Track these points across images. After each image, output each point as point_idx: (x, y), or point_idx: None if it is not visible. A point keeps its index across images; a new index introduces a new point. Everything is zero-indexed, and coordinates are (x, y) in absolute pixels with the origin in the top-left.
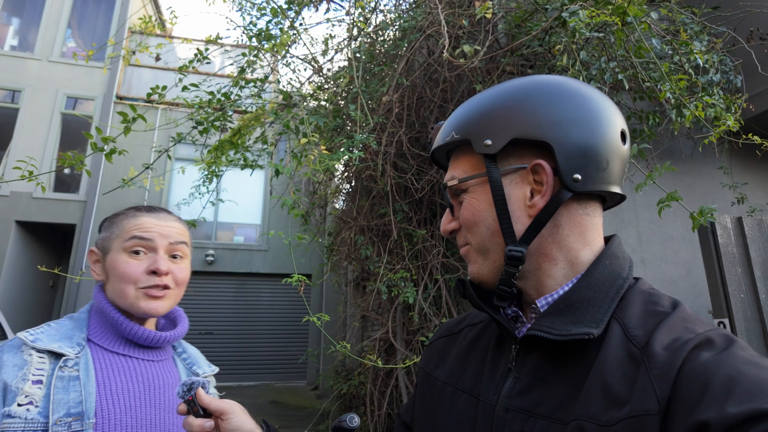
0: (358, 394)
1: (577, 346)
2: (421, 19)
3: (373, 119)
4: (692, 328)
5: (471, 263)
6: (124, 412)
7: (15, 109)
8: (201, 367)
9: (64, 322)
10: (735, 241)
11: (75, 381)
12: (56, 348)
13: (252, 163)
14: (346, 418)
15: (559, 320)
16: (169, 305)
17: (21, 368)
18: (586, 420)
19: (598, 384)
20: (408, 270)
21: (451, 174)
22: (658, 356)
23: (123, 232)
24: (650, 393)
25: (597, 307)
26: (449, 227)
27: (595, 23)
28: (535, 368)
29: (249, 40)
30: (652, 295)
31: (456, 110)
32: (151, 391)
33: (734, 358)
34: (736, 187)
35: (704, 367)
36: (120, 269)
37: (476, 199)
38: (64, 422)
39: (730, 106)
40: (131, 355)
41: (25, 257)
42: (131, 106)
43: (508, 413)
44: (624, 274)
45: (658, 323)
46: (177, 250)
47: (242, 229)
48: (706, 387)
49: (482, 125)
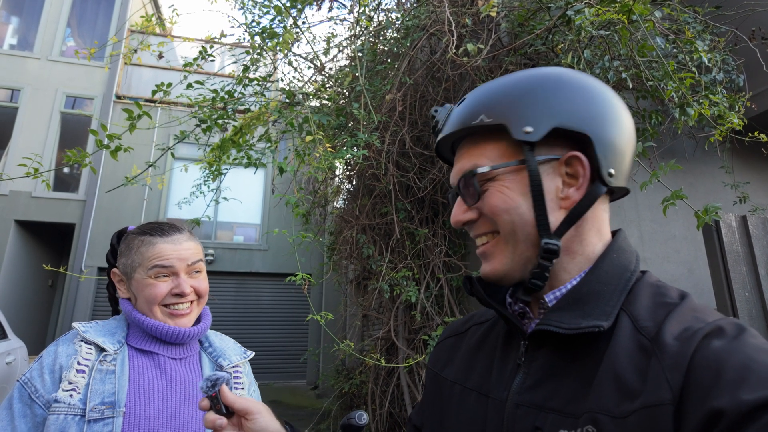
0: (360, 393)
1: (586, 339)
2: (425, 17)
3: (377, 118)
4: (702, 317)
5: (494, 256)
6: (149, 404)
7: (14, 108)
8: (227, 358)
9: (110, 322)
10: (739, 240)
11: (111, 374)
12: (100, 342)
13: (256, 161)
14: (354, 416)
15: (568, 314)
16: (194, 316)
17: (71, 356)
18: (599, 413)
19: (609, 376)
20: (410, 269)
21: (472, 162)
22: (669, 346)
23: (144, 260)
24: (663, 383)
25: (606, 300)
26: (465, 217)
27: (601, 21)
28: (545, 363)
29: (251, 38)
30: (659, 287)
31: (479, 92)
32: (173, 387)
33: (746, 346)
34: (738, 186)
35: (716, 355)
36: (146, 293)
37: (508, 187)
38: (98, 409)
39: (734, 104)
40: (159, 352)
41: (24, 256)
42: (137, 103)
43: (519, 409)
44: (631, 267)
45: (667, 314)
46: (195, 268)
47: (242, 229)
48: (719, 375)
49: (520, 110)
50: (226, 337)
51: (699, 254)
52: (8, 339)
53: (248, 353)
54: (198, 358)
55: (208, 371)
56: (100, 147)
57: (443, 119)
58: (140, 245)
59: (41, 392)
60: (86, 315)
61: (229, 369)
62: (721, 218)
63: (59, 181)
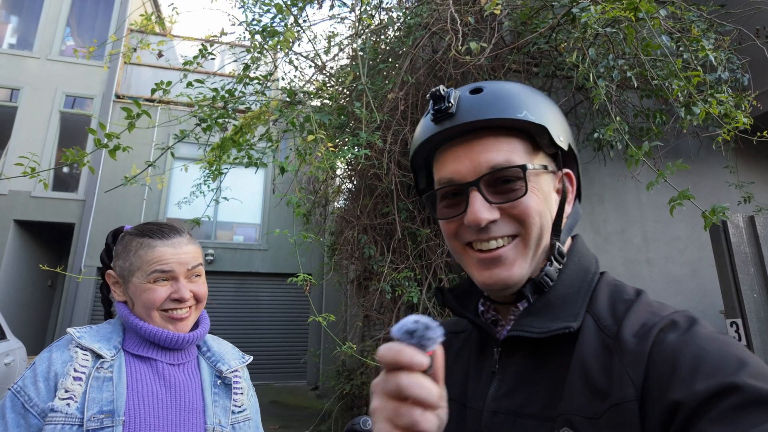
0: (361, 394)
1: (556, 343)
2: (427, 15)
3: (379, 117)
4: (657, 312)
5: (512, 261)
6: (148, 412)
7: (14, 107)
8: (226, 363)
9: (104, 326)
10: (747, 240)
11: (108, 382)
12: (96, 348)
13: (257, 161)
14: (359, 421)
15: (539, 319)
16: (193, 320)
17: (67, 363)
18: (573, 414)
19: (579, 377)
20: (412, 269)
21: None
22: (628, 344)
23: (143, 264)
24: (626, 380)
25: (573, 302)
26: (490, 216)
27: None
28: (519, 369)
29: (252, 36)
30: (617, 285)
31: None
32: (173, 393)
33: (698, 337)
34: (742, 186)
35: (671, 349)
36: (145, 297)
37: (540, 189)
38: (96, 418)
39: (740, 103)
40: (157, 358)
41: (23, 256)
42: (136, 102)
43: (496, 416)
44: (592, 269)
45: (626, 311)
46: (195, 272)
47: (242, 229)
48: (675, 368)
49: (554, 120)
50: (224, 342)
51: (703, 255)
52: (7, 340)
53: (246, 358)
54: (196, 363)
55: (208, 376)
56: (98, 146)
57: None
58: (139, 248)
59: (36, 401)
60: (85, 315)
61: (229, 374)
62: (729, 219)
63: (59, 181)
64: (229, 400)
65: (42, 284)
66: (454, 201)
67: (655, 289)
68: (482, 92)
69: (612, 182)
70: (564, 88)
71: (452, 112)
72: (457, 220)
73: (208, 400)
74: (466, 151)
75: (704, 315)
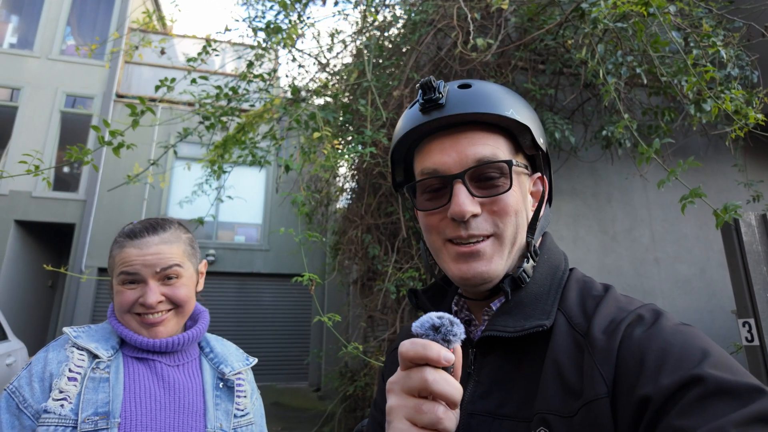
0: (364, 395)
1: (530, 341)
2: (432, 12)
3: (384, 114)
4: (624, 307)
5: (489, 257)
6: (145, 414)
7: (14, 107)
8: (229, 364)
9: (104, 326)
10: (759, 239)
11: (105, 382)
12: (93, 348)
13: (260, 159)
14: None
15: (512, 318)
16: (173, 325)
17: (62, 363)
18: (548, 413)
19: (553, 376)
20: (417, 269)
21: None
22: (598, 341)
23: (115, 265)
24: (597, 377)
25: (544, 300)
26: (474, 209)
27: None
28: (494, 370)
29: (255, 33)
30: (586, 282)
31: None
32: (172, 396)
33: (663, 330)
34: (751, 184)
35: (638, 344)
36: (117, 300)
37: (518, 188)
38: (91, 420)
39: (751, 100)
40: (155, 360)
41: (24, 257)
42: (140, 98)
43: (473, 418)
44: (562, 266)
45: (595, 307)
46: (168, 274)
47: (243, 229)
48: (642, 363)
49: (534, 122)
50: (228, 343)
51: (711, 254)
52: (8, 340)
53: (251, 360)
54: (198, 364)
55: (210, 378)
56: (102, 144)
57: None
58: (113, 247)
59: (30, 402)
60: (86, 315)
61: (231, 376)
62: (741, 217)
63: (59, 181)
64: (232, 403)
65: (42, 284)
66: (437, 194)
67: (663, 289)
68: (470, 88)
69: (619, 181)
70: (571, 85)
71: (442, 103)
72: (440, 212)
73: (209, 402)
74: (453, 143)
75: (713, 315)
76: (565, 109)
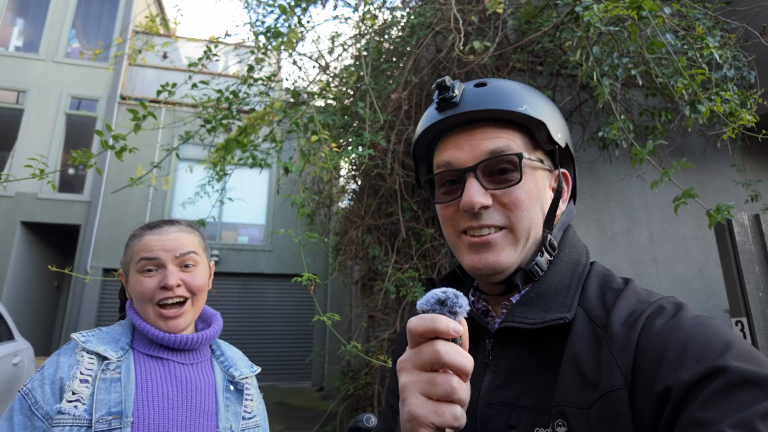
0: (366, 394)
1: (549, 334)
2: (430, 15)
3: (382, 117)
4: (644, 299)
5: (500, 248)
6: (158, 413)
7: (20, 109)
8: (238, 369)
9: (114, 328)
10: (752, 239)
11: (116, 383)
12: (102, 351)
13: (261, 161)
14: (362, 418)
15: (532, 310)
16: (189, 318)
17: (73, 367)
18: (566, 405)
19: (572, 369)
20: (416, 269)
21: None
22: (617, 333)
23: (134, 254)
24: (615, 369)
25: (564, 293)
26: (485, 201)
27: (610, 17)
28: (512, 361)
29: (256, 37)
30: (606, 275)
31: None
32: (185, 394)
33: (684, 321)
34: (749, 184)
35: (658, 336)
36: (136, 289)
37: (533, 182)
38: (105, 420)
39: (746, 101)
40: (168, 358)
41: (30, 258)
42: (141, 103)
43: (491, 408)
44: (583, 260)
45: (615, 300)
46: (187, 260)
47: (246, 230)
48: (663, 355)
49: (552, 117)
50: (235, 349)
51: (710, 254)
52: (15, 340)
53: (255, 368)
54: (210, 364)
55: (221, 380)
56: (105, 148)
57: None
58: (131, 241)
59: (41, 404)
60: (92, 316)
61: (241, 380)
62: (734, 217)
63: (64, 183)
64: (240, 405)
65: (48, 285)
66: (452, 188)
67: (662, 288)
68: (486, 86)
69: (617, 181)
70: (569, 86)
71: (456, 101)
72: (454, 204)
73: (221, 403)
74: (467, 138)
75: (711, 314)
76: (563, 110)
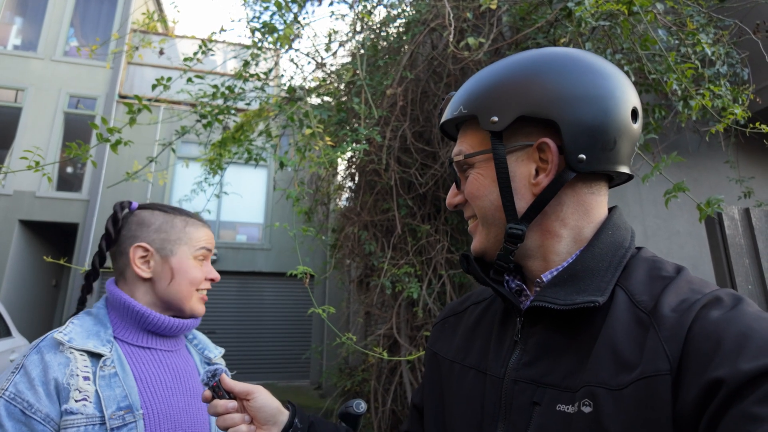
0: (362, 390)
1: (582, 315)
2: (425, 11)
3: (378, 112)
4: (699, 289)
5: (476, 236)
6: (162, 401)
7: (18, 108)
8: (211, 351)
9: (85, 319)
10: (742, 232)
11: (115, 377)
12: (91, 347)
13: (256, 156)
14: (353, 404)
15: (563, 291)
16: None
17: (66, 365)
18: (597, 386)
19: (606, 351)
20: (412, 265)
21: (458, 148)
22: (666, 318)
23: (192, 240)
24: (661, 354)
25: (601, 276)
26: (454, 201)
27: (601, 12)
28: (541, 339)
29: (252, 33)
30: (655, 261)
31: (466, 83)
32: (178, 380)
33: (745, 315)
34: (743, 181)
35: (715, 325)
36: (192, 274)
37: (481, 174)
38: (117, 416)
39: (738, 97)
40: (153, 346)
41: (28, 256)
42: (137, 97)
43: (517, 385)
44: (626, 243)
45: (664, 287)
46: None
47: (245, 228)
48: (719, 344)
49: (490, 101)
50: (201, 333)
51: (704, 250)
52: (12, 337)
53: (220, 348)
54: (186, 349)
55: (199, 362)
56: (100, 140)
57: (446, 105)
58: (185, 225)
59: (37, 406)
60: None
61: (217, 360)
62: (724, 210)
63: (62, 181)
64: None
65: (47, 283)
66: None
67: None
68: (456, 92)
69: None
70: None
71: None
72: None
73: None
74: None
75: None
76: None
